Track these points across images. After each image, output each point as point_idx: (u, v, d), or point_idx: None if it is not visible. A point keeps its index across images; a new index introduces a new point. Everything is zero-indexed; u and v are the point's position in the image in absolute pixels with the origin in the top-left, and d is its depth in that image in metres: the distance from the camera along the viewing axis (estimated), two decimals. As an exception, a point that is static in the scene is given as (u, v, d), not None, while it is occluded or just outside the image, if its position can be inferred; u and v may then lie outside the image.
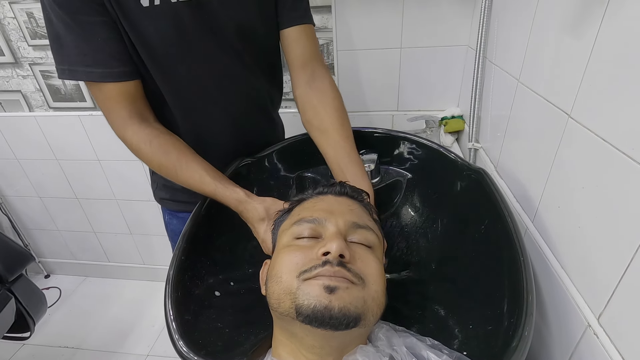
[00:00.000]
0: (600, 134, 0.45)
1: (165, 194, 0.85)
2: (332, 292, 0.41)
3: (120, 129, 0.66)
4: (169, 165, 0.66)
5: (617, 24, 0.43)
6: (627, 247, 0.40)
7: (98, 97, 0.66)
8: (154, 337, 1.58)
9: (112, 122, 0.67)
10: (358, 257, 0.46)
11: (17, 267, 1.12)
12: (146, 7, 0.59)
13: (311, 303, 0.41)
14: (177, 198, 0.83)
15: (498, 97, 0.81)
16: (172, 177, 0.67)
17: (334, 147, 0.69)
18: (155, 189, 0.88)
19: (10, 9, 1.22)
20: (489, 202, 0.60)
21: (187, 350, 0.47)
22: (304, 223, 0.51)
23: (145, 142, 0.66)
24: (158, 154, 0.66)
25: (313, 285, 0.42)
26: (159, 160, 0.66)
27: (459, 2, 0.99)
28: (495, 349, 0.44)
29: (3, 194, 1.70)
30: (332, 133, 0.70)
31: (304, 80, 0.73)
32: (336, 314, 0.40)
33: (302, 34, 0.72)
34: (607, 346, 0.44)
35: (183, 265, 0.58)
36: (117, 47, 0.62)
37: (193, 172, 0.65)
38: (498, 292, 0.51)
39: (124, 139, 0.67)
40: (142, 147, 0.66)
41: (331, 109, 0.71)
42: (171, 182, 0.76)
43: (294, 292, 0.43)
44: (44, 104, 1.42)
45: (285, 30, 0.72)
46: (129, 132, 0.66)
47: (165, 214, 0.90)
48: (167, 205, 0.87)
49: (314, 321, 0.41)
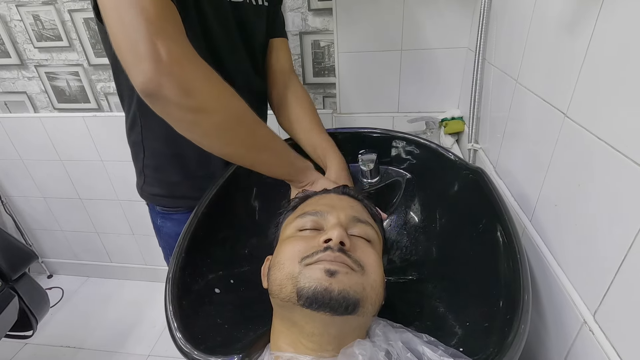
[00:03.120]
0: (596, 133, 0.46)
1: (159, 189, 0.75)
2: (332, 275, 0.43)
3: (154, 54, 0.42)
4: (232, 112, 0.50)
5: (611, 23, 0.43)
6: (622, 244, 0.41)
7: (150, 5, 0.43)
8: (155, 338, 1.58)
9: (139, 49, 0.42)
10: (358, 248, 0.48)
11: (20, 266, 1.13)
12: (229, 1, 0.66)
13: (312, 285, 0.43)
14: (175, 193, 0.76)
15: (497, 98, 0.81)
16: (248, 130, 0.53)
17: (306, 131, 0.77)
18: (142, 184, 0.77)
19: (17, 11, 1.25)
20: (487, 201, 0.61)
21: (186, 344, 0.48)
22: (307, 216, 0.53)
23: (205, 76, 0.47)
24: (225, 96, 0.49)
25: (314, 269, 0.44)
26: (222, 102, 0.49)
27: (459, 4, 1.00)
28: (491, 345, 0.45)
29: (7, 194, 1.72)
30: (303, 122, 0.78)
31: (282, 83, 0.82)
32: (336, 295, 0.42)
33: (283, 46, 0.83)
34: (602, 343, 0.44)
35: (183, 262, 0.59)
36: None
37: (261, 128, 0.57)
38: (495, 290, 0.51)
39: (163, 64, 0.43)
40: (198, 82, 0.46)
41: (303, 107, 0.80)
42: (166, 175, 0.71)
43: (295, 276, 0.45)
44: (48, 105, 1.44)
45: (272, 39, 0.82)
46: (177, 52, 0.44)
47: (157, 216, 0.80)
48: (160, 203, 0.78)
49: (314, 303, 0.42)
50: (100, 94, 1.38)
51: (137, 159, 0.77)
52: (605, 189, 0.44)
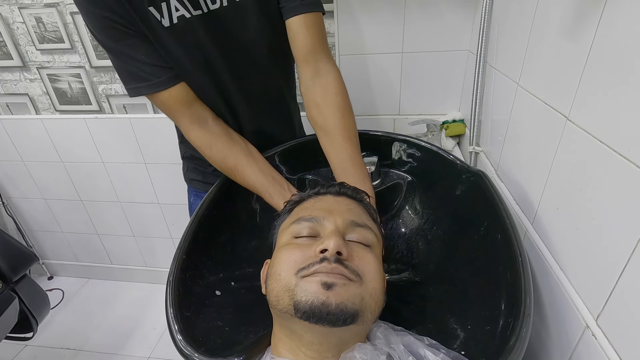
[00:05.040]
0: (598, 136, 0.46)
1: (196, 175, 0.91)
2: (329, 288, 0.42)
3: (185, 134, 0.73)
4: (227, 171, 0.72)
5: (613, 27, 0.43)
6: (624, 248, 0.41)
7: (162, 108, 0.71)
8: (156, 340, 1.58)
9: (179, 127, 0.73)
10: (356, 255, 0.47)
11: (21, 267, 1.13)
12: (167, 27, 0.64)
13: (309, 299, 0.42)
14: (208, 180, 0.87)
15: (498, 101, 0.81)
16: (233, 179, 0.73)
17: (336, 149, 0.68)
18: (186, 170, 0.94)
19: (19, 13, 1.25)
20: (488, 204, 0.60)
21: (187, 347, 0.48)
22: (303, 222, 0.51)
23: (207, 147, 0.72)
24: (218, 160, 0.73)
25: (311, 282, 0.43)
26: (219, 165, 0.73)
27: (460, 7, 1.01)
28: (492, 349, 0.45)
29: (8, 195, 1.72)
30: (334, 134, 0.68)
31: (308, 76, 0.70)
32: (333, 309, 0.41)
33: (301, 25, 0.69)
34: (605, 347, 0.44)
35: (184, 264, 0.59)
36: (159, 57, 0.66)
37: (247, 177, 0.71)
38: (496, 293, 0.51)
39: (190, 142, 0.74)
40: (205, 151, 0.73)
41: (334, 107, 0.69)
42: (203, 166, 0.87)
43: (292, 289, 0.44)
44: (50, 107, 1.44)
45: (286, 21, 0.70)
46: (192, 137, 0.72)
47: (191, 195, 0.95)
48: (195, 186, 0.92)
49: (311, 317, 0.41)
50: (101, 96, 1.38)
51: (181, 151, 0.94)
52: (608, 193, 0.44)
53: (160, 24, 0.63)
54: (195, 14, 0.65)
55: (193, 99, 0.71)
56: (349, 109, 0.71)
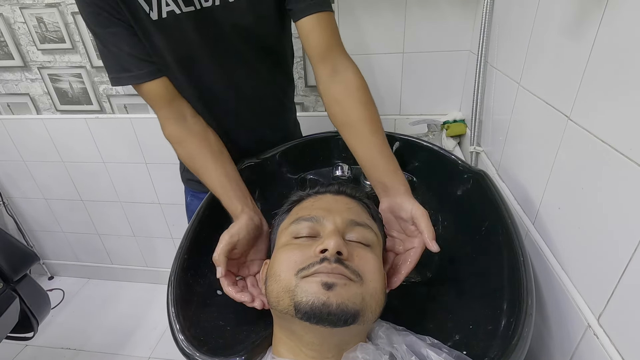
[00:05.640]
0: (599, 136, 0.46)
1: (193, 175, 0.87)
2: (329, 288, 0.42)
3: (162, 128, 0.73)
4: (193, 170, 0.74)
5: (614, 27, 0.43)
6: (626, 247, 0.41)
7: (144, 99, 0.72)
8: (156, 340, 1.58)
9: (159, 120, 0.73)
10: (356, 255, 0.46)
11: (22, 267, 1.13)
12: (155, 20, 0.64)
13: (309, 300, 0.41)
14: None
15: (499, 100, 0.81)
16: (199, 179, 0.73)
17: (363, 143, 0.65)
18: (182, 170, 0.94)
19: (20, 13, 1.25)
20: (490, 204, 0.60)
21: (188, 346, 0.48)
22: (302, 222, 0.51)
23: (177, 143, 0.73)
24: (185, 158, 0.74)
25: (311, 282, 0.43)
26: (186, 163, 0.74)
27: (461, 7, 1.01)
28: (494, 348, 0.45)
29: (9, 195, 1.72)
30: (359, 128, 0.65)
31: (326, 75, 0.68)
32: (334, 310, 0.41)
33: (314, 25, 0.67)
34: (607, 346, 0.44)
35: (186, 263, 0.59)
36: (143, 49, 0.67)
37: (209, 180, 0.71)
38: (498, 292, 0.51)
39: (165, 136, 0.74)
40: (176, 147, 0.73)
41: (357, 102, 0.66)
42: None
43: (292, 289, 0.43)
44: (51, 106, 1.44)
45: (297, 23, 0.68)
46: (166, 132, 0.73)
47: (188, 195, 0.95)
48: (192, 186, 0.92)
49: (312, 318, 0.41)
50: (102, 96, 1.38)
51: None
52: (610, 192, 0.44)
53: (148, 16, 0.64)
54: (187, 11, 0.65)
55: (174, 95, 0.71)
56: (372, 103, 0.68)
